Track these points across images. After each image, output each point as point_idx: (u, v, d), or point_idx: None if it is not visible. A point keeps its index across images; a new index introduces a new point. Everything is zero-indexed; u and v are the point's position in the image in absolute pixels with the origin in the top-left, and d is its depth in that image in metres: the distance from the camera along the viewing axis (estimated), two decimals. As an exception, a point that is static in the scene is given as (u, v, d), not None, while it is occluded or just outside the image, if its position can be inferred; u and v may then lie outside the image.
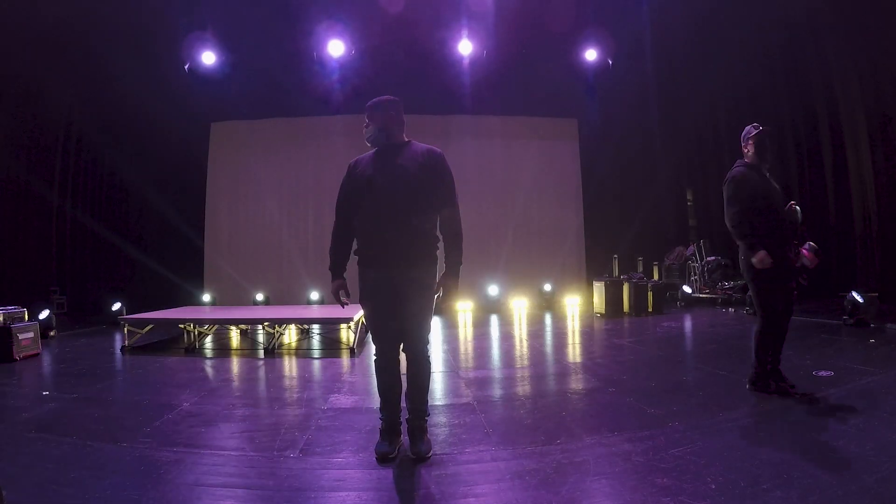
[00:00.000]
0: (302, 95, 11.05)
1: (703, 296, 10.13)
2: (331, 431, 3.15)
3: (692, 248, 10.88)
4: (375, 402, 3.94)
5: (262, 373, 5.01)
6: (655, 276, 10.71)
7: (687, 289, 10.24)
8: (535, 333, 7.48)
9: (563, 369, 5.00)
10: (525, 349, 6.23)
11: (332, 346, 6.65)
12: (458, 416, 3.43)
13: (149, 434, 3.09)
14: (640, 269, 11.22)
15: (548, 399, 3.94)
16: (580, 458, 2.61)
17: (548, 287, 11.24)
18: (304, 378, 4.77)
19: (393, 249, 2.55)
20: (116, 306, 8.53)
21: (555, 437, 2.93)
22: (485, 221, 11.87)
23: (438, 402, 3.86)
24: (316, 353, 6.22)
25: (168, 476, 2.47)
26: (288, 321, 6.65)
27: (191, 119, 11.18)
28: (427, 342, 2.71)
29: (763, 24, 9.59)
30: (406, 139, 2.80)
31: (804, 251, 3.46)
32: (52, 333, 7.02)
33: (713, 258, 10.22)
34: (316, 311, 7.68)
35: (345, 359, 5.66)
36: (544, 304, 11.07)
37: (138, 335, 6.36)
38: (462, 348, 6.41)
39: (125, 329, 6.21)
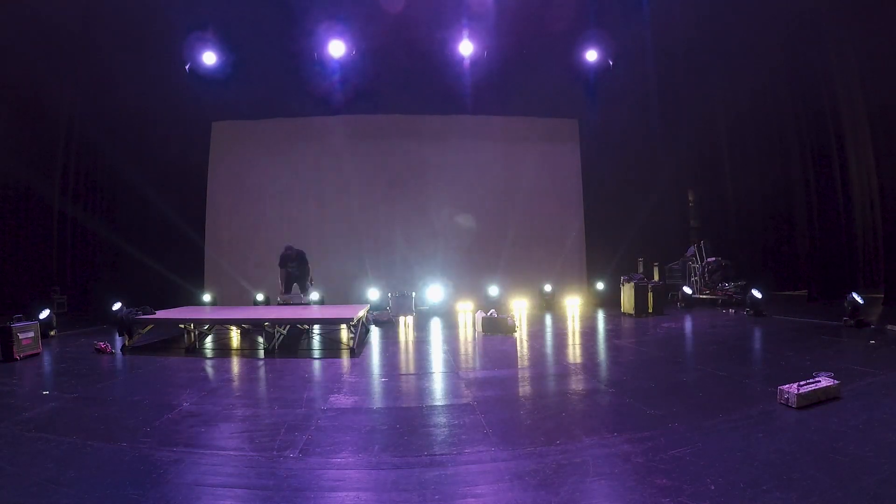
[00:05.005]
0: (303, 95, 11.07)
1: (704, 297, 10.12)
2: (331, 431, 3.15)
3: (692, 248, 10.88)
4: (375, 402, 3.97)
5: (262, 373, 5.01)
6: (656, 277, 10.71)
7: (687, 290, 10.24)
8: (536, 334, 7.47)
9: (562, 370, 5.00)
10: (525, 350, 6.22)
11: (332, 346, 6.65)
12: (458, 417, 3.43)
13: (149, 434, 3.09)
14: (641, 269, 11.22)
15: (547, 400, 3.94)
16: (580, 459, 2.61)
17: (548, 288, 11.24)
18: (304, 378, 4.77)
19: None
20: (117, 306, 8.53)
21: (554, 438, 2.93)
22: (485, 222, 11.88)
23: (438, 403, 3.86)
24: (316, 353, 6.22)
25: (168, 476, 2.47)
26: (288, 321, 6.65)
27: (191, 119, 11.19)
28: None
29: (764, 25, 9.59)
30: None
31: None
32: (52, 333, 7.02)
33: (713, 259, 10.21)
34: (316, 311, 7.68)
35: (345, 359, 5.66)
36: (544, 304, 11.06)
37: (138, 335, 6.36)
38: (462, 349, 6.41)
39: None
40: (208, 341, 6.91)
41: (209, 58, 9.98)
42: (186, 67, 10.14)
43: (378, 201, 11.86)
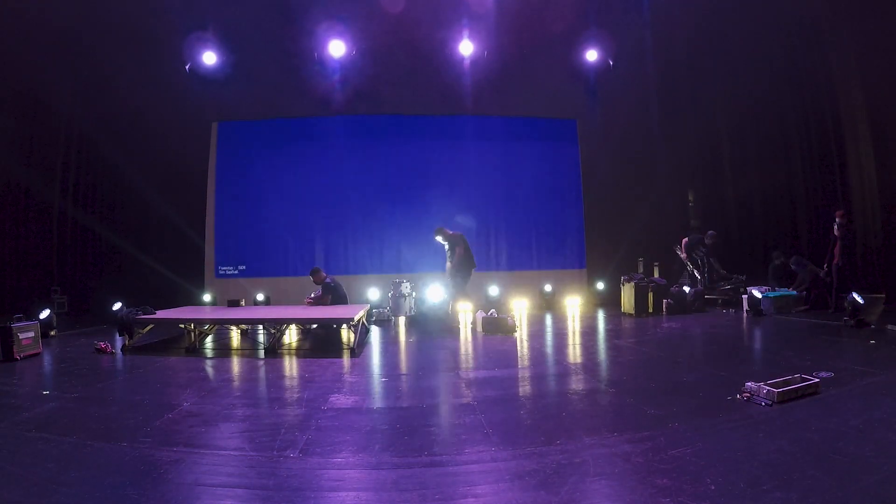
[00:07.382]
0: (303, 96, 11.07)
1: (704, 297, 10.10)
2: (331, 431, 3.15)
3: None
4: (376, 402, 3.97)
5: (262, 373, 5.01)
6: (656, 277, 10.69)
7: (687, 289, 10.22)
8: (536, 334, 7.47)
9: (563, 370, 5.00)
10: (525, 349, 6.22)
11: (332, 346, 6.65)
12: (458, 417, 3.43)
13: (149, 434, 3.09)
14: (641, 269, 11.21)
15: (548, 399, 3.94)
16: (580, 459, 2.61)
17: (548, 287, 11.23)
18: (304, 378, 4.76)
19: None
20: (117, 306, 8.53)
21: (555, 438, 2.93)
22: (485, 221, 11.89)
23: (438, 403, 3.86)
24: (316, 353, 6.22)
25: (168, 476, 2.47)
26: (288, 321, 6.65)
27: (192, 119, 11.17)
28: None
29: (764, 25, 9.58)
30: None
31: None
32: (52, 333, 7.02)
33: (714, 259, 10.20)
34: (316, 312, 7.68)
35: (345, 359, 5.66)
36: (545, 304, 11.05)
37: (139, 335, 6.36)
38: (462, 349, 6.41)
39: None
40: (208, 341, 6.91)
41: (209, 58, 9.97)
42: (187, 67, 10.13)
43: (378, 201, 11.86)
